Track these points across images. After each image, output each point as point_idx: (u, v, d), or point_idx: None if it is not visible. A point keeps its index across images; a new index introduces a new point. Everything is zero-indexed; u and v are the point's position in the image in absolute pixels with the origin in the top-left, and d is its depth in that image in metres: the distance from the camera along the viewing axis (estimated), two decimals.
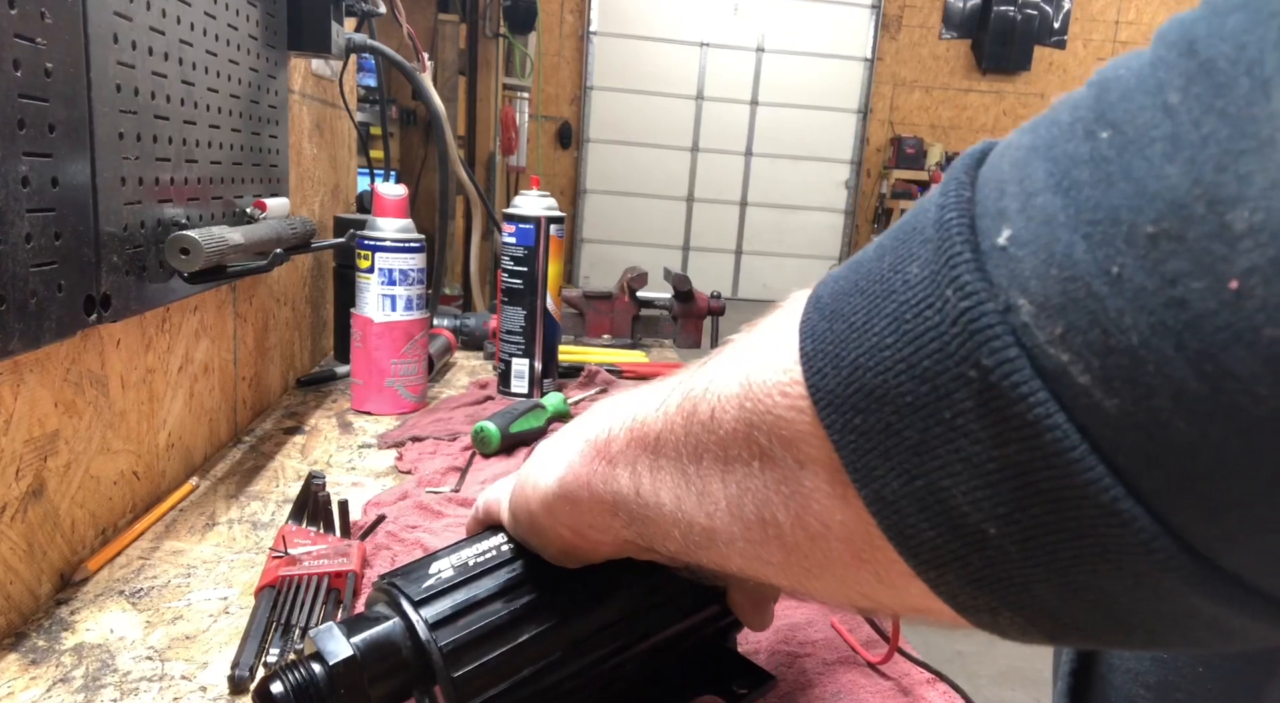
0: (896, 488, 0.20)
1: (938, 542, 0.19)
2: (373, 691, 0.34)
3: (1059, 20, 6.25)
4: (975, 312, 0.18)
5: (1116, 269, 0.16)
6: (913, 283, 0.19)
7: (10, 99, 0.43)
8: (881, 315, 0.20)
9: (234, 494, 0.71)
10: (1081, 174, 0.17)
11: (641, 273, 1.34)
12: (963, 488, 0.18)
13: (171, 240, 0.60)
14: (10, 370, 0.47)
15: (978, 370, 0.18)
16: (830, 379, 0.21)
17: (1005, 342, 0.17)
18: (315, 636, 0.34)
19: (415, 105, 2.51)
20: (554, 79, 6.12)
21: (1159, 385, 0.16)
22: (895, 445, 0.19)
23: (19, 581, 0.50)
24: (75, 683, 0.45)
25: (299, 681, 0.33)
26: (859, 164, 6.41)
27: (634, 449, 0.29)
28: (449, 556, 0.39)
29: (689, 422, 0.26)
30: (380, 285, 0.90)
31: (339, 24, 0.94)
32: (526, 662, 0.36)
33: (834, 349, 0.21)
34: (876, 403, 0.20)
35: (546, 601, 0.37)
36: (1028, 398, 0.17)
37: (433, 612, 0.35)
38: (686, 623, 0.41)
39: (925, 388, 0.19)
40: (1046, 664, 1.93)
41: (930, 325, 0.19)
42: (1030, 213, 0.18)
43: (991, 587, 0.19)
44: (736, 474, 0.25)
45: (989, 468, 0.18)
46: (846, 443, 0.20)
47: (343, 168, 1.25)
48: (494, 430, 0.81)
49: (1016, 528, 0.18)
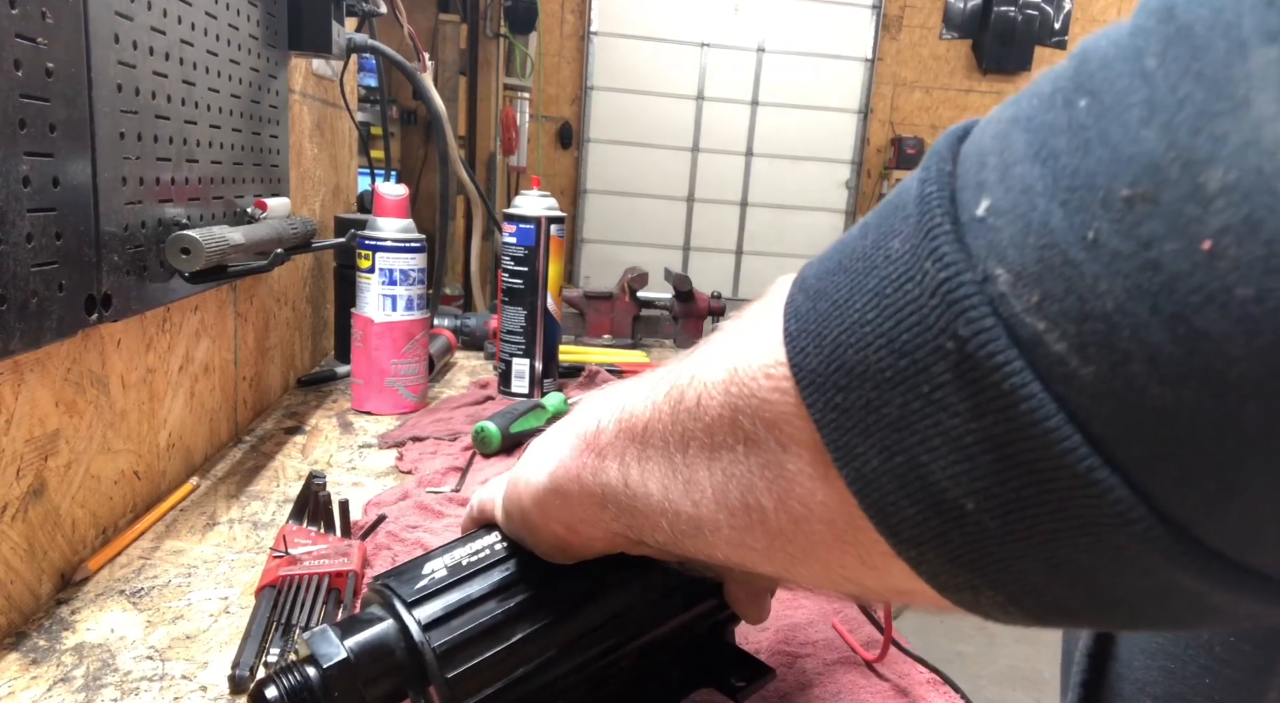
0: (876, 466, 0.19)
1: (917, 519, 0.19)
2: (367, 693, 0.34)
3: (1059, 21, 6.25)
4: (953, 283, 0.18)
5: (1092, 234, 0.16)
6: (894, 258, 0.19)
7: (11, 99, 0.43)
8: (863, 292, 0.20)
9: (234, 494, 0.71)
10: (1059, 142, 0.17)
11: (642, 273, 1.34)
12: (941, 463, 0.18)
13: (172, 240, 0.60)
14: (11, 370, 0.47)
15: (955, 341, 0.18)
16: (812, 358, 0.21)
17: (982, 312, 0.17)
18: (309, 638, 0.34)
19: (416, 105, 2.51)
20: (554, 79, 6.12)
21: (1134, 350, 0.16)
22: (875, 422, 0.19)
23: (20, 580, 0.50)
24: (76, 683, 0.45)
25: (293, 684, 0.33)
26: (859, 164, 6.41)
27: (622, 440, 0.29)
28: (442, 556, 0.39)
29: (675, 410, 0.26)
30: (381, 285, 0.90)
31: (339, 24, 0.94)
32: (521, 661, 0.36)
33: (816, 328, 0.21)
34: (857, 380, 0.19)
35: (540, 599, 0.37)
36: (1003, 367, 0.17)
37: (426, 613, 0.35)
38: (682, 618, 0.41)
39: (904, 362, 0.19)
40: (1046, 665, 1.93)
41: (909, 298, 0.19)
42: (1009, 183, 0.18)
43: (972, 564, 0.19)
44: (722, 461, 0.25)
45: (967, 441, 0.18)
46: (828, 422, 0.20)
47: (343, 168, 1.25)
48: (494, 431, 0.81)
49: (995, 502, 0.18)
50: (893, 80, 6.42)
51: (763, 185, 6.47)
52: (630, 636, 0.39)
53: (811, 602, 0.56)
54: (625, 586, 0.39)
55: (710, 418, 0.25)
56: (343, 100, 1.19)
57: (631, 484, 0.29)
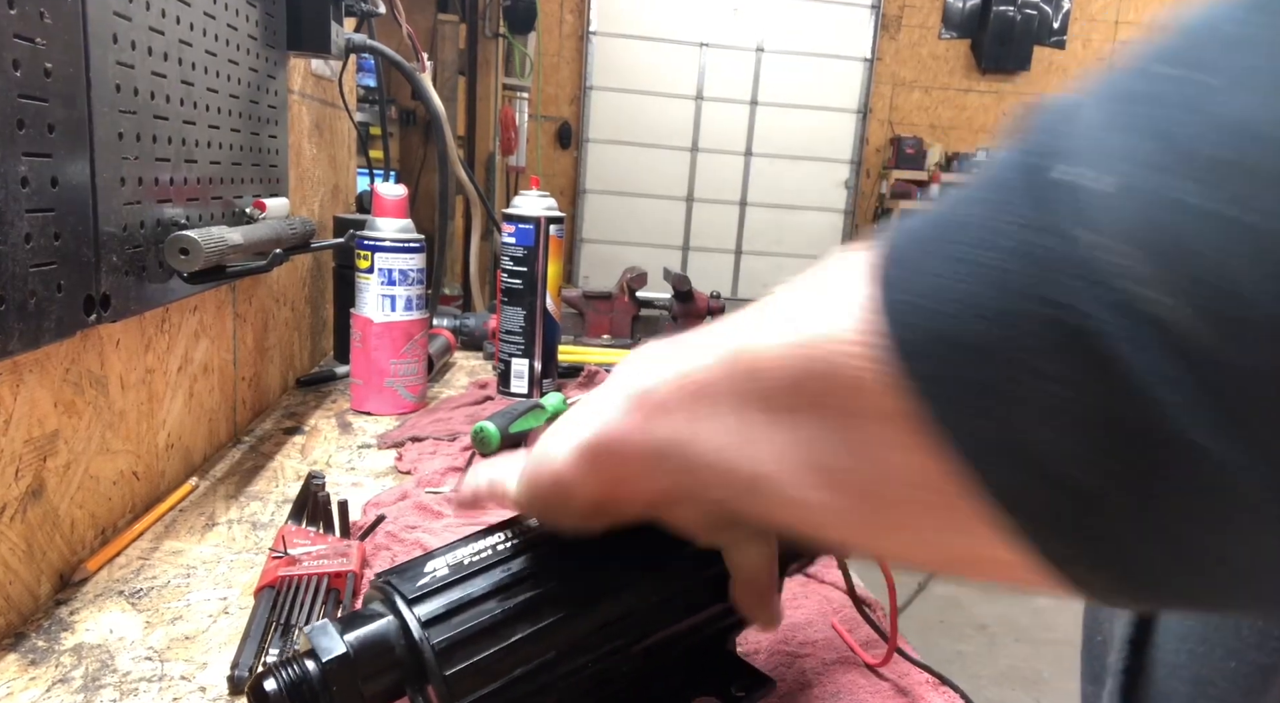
0: (986, 437, 0.19)
1: (1029, 492, 0.19)
2: (365, 688, 0.34)
3: (1059, 20, 6.25)
4: (1068, 256, 0.18)
5: (1212, 205, 0.16)
6: (1000, 230, 0.19)
7: (10, 99, 0.43)
8: (966, 262, 0.20)
9: (234, 494, 0.71)
10: (1170, 114, 0.17)
11: (641, 273, 1.34)
12: (1057, 436, 0.18)
13: (171, 240, 0.60)
14: (10, 370, 0.47)
15: (1071, 315, 0.17)
16: (913, 329, 0.21)
17: (1101, 287, 0.17)
18: (310, 632, 0.35)
19: (415, 105, 2.51)
20: (554, 79, 6.12)
21: (1262, 322, 0.15)
22: (983, 393, 0.19)
23: (18, 581, 0.50)
24: (75, 683, 0.45)
25: (293, 678, 0.33)
26: (859, 164, 6.41)
27: (676, 399, 0.30)
28: (445, 554, 0.39)
29: (732, 372, 0.27)
30: (380, 285, 0.90)
31: (339, 24, 0.94)
32: (520, 661, 0.36)
33: (916, 298, 0.21)
34: (963, 351, 0.19)
35: (541, 599, 0.37)
36: (1124, 343, 0.17)
37: (426, 610, 0.35)
38: (686, 623, 0.41)
39: (1014, 332, 0.18)
40: (1046, 665, 1.93)
41: (1019, 270, 0.18)
42: (1123, 156, 0.18)
43: (1085, 541, 0.19)
44: (783, 424, 0.25)
45: (1084, 415, 0.18)
46: (931, 392, 0.20)
47: (342, 168, 1.25)
48: (494, 431, 0.81)
49: (1114, 480, 0.18)
50: (892, 80, 6.42)
51: (762, 185, 6.46)
52: (633, 639, 0.39)
53: (811, 602, 0.56)
54: (630, 588, 0.39)
55: (771, 381, 0.25)
56: (341, 100, 1.19)
57: (686, 442, 0.29)
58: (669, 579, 0.40)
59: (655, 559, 0.40)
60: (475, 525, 0.63)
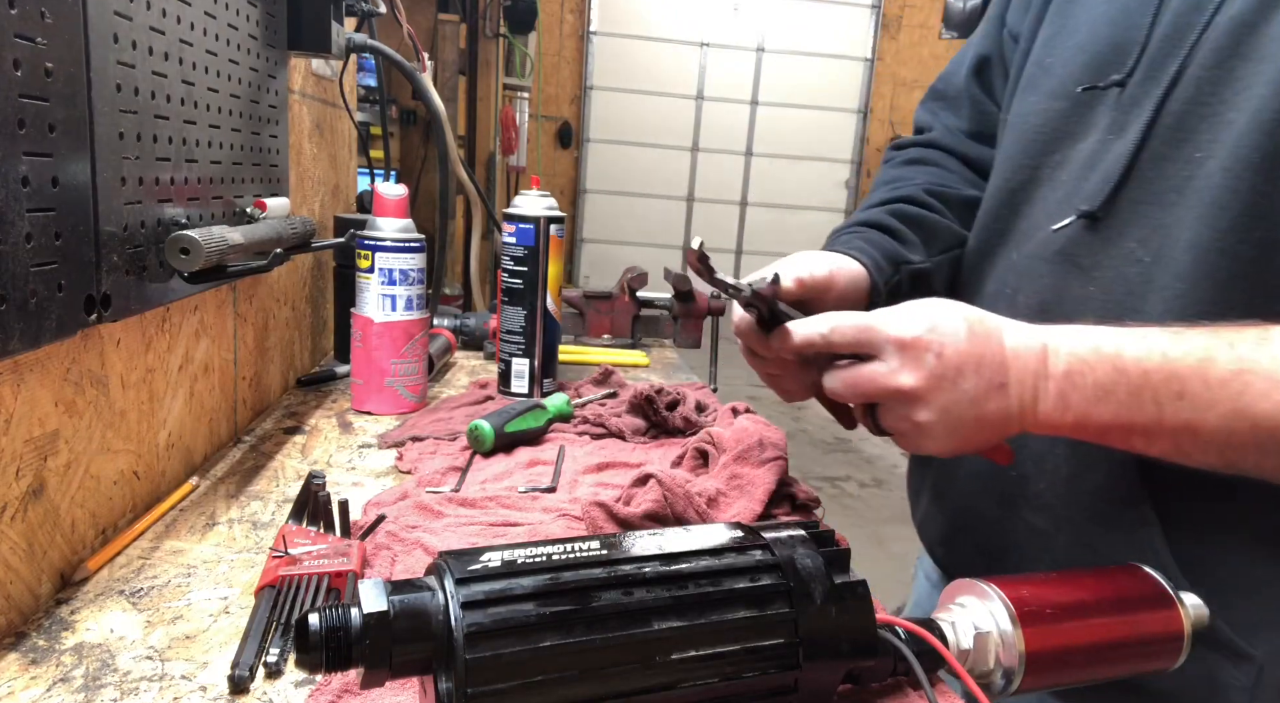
0: None
1: None
2: (395, 651, 0.35)
3: None
4: None
5: None
6: None
7: (10, 99, 0.43)
8: None
9: (234, 494, 0.71)
10: None
11: (641, 273, 1.34)
12: None
13: (171, 240, 0.60)
14: (10, 370, 0.47)
15: None
16: None
17: None
18: (361, 585, 0.36)
19: (415, 105, 2.51)
20: (554, 79, 6.12)
21: None
22: None
23: (19, 580, 0.50)
24: (75, 683, 0.45)
25: (334, 621, 0.35)
26: (859, 164, 6.41)
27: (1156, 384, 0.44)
28: (504, 549, 0.39)
29: (1236, 403, 0.43)
30: (380, 285, 0.90)
31: (339, 24, 0.94)
32: (541, 669, 0.36)
33: None
34: None
35: (579, 617, 0.37)
36: None
37: (468, 592, 0.36)
38: (722, 687, 0.40)
39: None
40: None
41: None
42: None
43: None
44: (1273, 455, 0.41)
45: None
46: None
47: (343, 168, 1.25)
48: (488, 429, 0.81)
49: None
50: (892, 80, 6.41)
51: (762, 185, 6.46)
52: (663, 684, 0.38)
53: None
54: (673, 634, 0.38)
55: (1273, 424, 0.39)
56: (342, 100, 1.19)
57: (1165, 418, 0.44)
58: (714, 634, 0.39)
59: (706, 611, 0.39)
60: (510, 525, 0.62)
